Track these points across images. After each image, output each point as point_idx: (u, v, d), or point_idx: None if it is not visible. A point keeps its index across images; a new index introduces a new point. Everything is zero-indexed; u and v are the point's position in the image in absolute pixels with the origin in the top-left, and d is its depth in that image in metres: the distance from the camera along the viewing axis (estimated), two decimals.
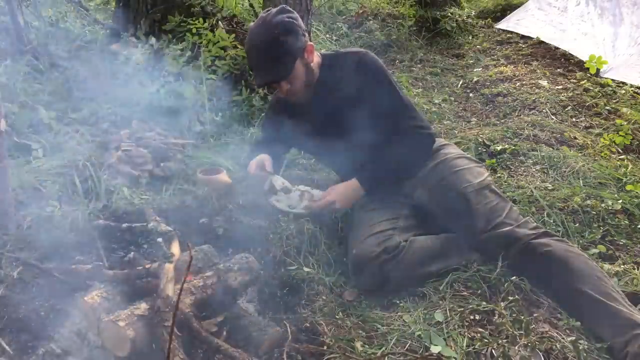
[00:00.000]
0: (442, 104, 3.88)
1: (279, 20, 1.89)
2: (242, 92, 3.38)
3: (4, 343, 1.52)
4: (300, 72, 1.97)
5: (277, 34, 1.87)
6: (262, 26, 1.90)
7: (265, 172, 2.11)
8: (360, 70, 2.01)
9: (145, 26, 3.80)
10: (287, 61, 1.91)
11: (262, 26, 1.90)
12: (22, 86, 3.14)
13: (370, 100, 2.01)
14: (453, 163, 2.04)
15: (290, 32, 1.90)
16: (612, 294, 1.60)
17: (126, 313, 1.44)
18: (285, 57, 1.90)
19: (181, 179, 2.57)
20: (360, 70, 2.01)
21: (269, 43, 1.88)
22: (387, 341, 1.56)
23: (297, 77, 1.96)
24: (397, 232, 1.91)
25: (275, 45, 1.88)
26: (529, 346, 1.45)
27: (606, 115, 3.44)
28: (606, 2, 4.63)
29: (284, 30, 1.88)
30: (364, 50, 2.10)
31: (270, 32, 1.87)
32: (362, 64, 2.02)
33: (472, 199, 1.89)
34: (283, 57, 1.90)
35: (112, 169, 2.53)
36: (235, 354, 1.40)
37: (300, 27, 1.94)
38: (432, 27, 5.52)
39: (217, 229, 2.09)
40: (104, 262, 1.86)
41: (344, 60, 2.05)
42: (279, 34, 1.87)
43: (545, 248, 1.72)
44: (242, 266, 1.75)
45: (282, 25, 1.88)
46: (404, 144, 2.02)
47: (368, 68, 2.02)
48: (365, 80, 2.01)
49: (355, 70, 2.01)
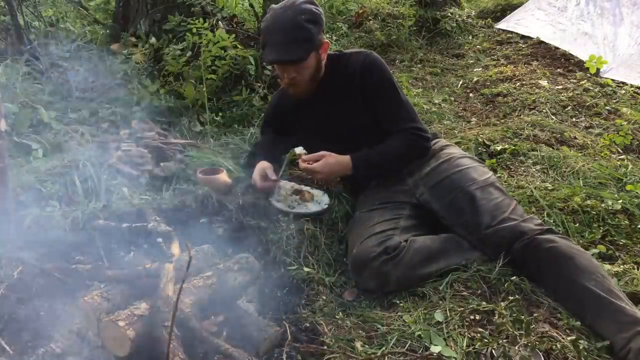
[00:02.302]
0: (442, 104, 3.88)
1: (307, 7, 1.92)
2: (242, 92, 3.38)
3: (4, 343, 1.52)
4: (312, 65, 1.98)
5: (303, 19, 1.89)
6: (289, 8, 1.92)
7: (271, 180, 2.11)
8: (365, 71, 2.02)
9: (145, 26, 3.80)
10: (305, 47, 1.92)
11: (289, 8, 1.92)
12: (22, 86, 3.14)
13: (373, 101, 2.02)
14: (457, 162, 2.05)
15: (315, 22, 1.93)
16: (615, 291, 1.60)
17: (126, 313, 1.44)
18: (305, 43, 1.92)
19: (181, 179, 2.56)
20: (365, 70, 2.02)
21: (294, 24, 1.89)
22: (387, 341, 1.56)
23: (308, 68, 1.97)
24: (397, 232, 1.91)
25: (299, 27, 1.89)
26: (529, 346, 1.44)
27: (606, 115, 3.44)
28: (606, 2, 4.63)
29: (311, 17, 1.91)
30: (368, 50, 2.11)
31: (297, 15, 1.89)
32: (366, 65, 2.03)
33: (477, 195, 1.89)
34: (303, 41, 1.91)
35: (112, 169, 2.53)
36: (235, 354, 1.40)
37: (323, 22, 1.98)
38: (432, 27, 5.52)
39: (217, 229, 2.09)
40: (104, 262, 1.86)
41: (348, 60, 2.06)
42: (305, 19, 1.90)
43: (550, 244, 1.72)
44: (242, 266, 1.75)
45: (310, 13, 1.91)
46: (402, 140, 2.04)
47: (373, 69, 2.03)
48: (369, 80, 2.01)
49: (359, 71, 2.02)
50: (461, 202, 1.91)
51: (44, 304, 1.73)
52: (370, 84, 2.02)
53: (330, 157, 2.02)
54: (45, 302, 1.73)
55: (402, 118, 2.05)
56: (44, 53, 3.59)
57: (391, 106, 2.03)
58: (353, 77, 2.03)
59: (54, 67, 3.55)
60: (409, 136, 2.04)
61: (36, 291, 1.77)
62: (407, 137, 2.04)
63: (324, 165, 2.00)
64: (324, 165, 2.00)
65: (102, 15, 4.56)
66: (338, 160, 2.03)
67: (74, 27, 4.43)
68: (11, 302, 1.72)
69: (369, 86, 2.02)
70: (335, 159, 2.03)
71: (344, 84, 2.04)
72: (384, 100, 2.03)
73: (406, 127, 2.03)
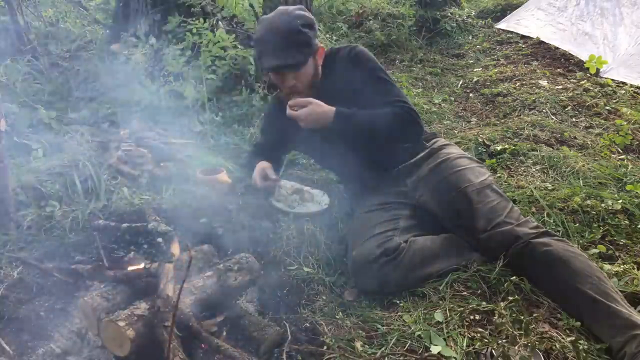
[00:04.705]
0: (442, 104, 3.88)
1: (301, 14, 1.92)
2: (242, 92, 3.39)
3: (4, 343, 1.52)
4: (309, 71, 1.97)
5: (299, 24, 1.88)
6: (283, 15, 1.91)
7: (271, 180, 2.10)
8: (353, 63, 2.01)
9: (145, 26, 3.81)
10: (303, 52, 1.91)
11: (283, 15, 1.91)
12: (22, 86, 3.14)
13: (365, 90, 2.00)
14: (455, 163, 2.04)
15: (311, 27, 1.92)
16: (612, 294, 1.60)
17: (126, 313, 1.44)
18: (303, 48, 1.91)
19: (181, 179, 2.57)
20: (353, 63, 2.01)
21: (291, 28, 1.88)
22: (387, 341, 1.56)
23: (306, 74, 1.96)
24: (397, 233, 1.90)
25: (297, 31, 1.88)
26: (529, 346, 1.44)
27: (606, 115, 3.44)
28: (606, 2, 4.63)
29: (306, 23, 1.91)
30: (352, 44, 2.11)
31: (292, 21, 1.89)
32: (352, 58, 2.02)
33: (474, 199, 1.88)
34: (301, 46, 1.90)
35: (112, 169, 2.54)
36: (235, 354, 1.40)
37: (317, 29, 1.97)
38: (432, 27, 5.52)
39: (217, 229, 2.09)
40: (104, 262, 1.86)
41: (336, 56, 2.05)
42: (301, 24, 1.89)
43: (545, 247, 1.72)
44: (242, 266, 1.75)
45: (304, 18, 1.91)
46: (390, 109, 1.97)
47: (359, 61, 2.02)
48: (358, 73, 2.00)
49: (348, 64, 2.01)
50: (458, 204, 1.91)
51: (44, 304, 1.73)
52: (359, 75, 2.00)
53: (317, 106, 1.95)
54: (45, 302, 1.74)
55: (392, 100, 2.01)
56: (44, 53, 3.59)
57: (380, 90, 2.01)
58: (342, 74, 2.02)
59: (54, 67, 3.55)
60: (397, 108, 1.98)
61: (36, 291, 1.78)
62: (395, 107, 1.98)
63: (309, 113, 1.94)
64: (309, 114, 1.94)
65: (102, 15, 4.56)
66: (324, 110, 1.96)
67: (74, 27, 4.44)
68: (11, 302, 1.72)
69: (358, 78, 2.00)
70: (322, 109, 1.96)
71: (334, 82, 2.03)
72: (374, 87, 2.00)
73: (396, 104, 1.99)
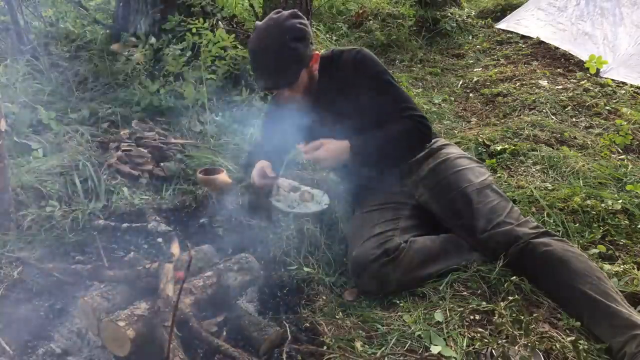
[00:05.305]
0: (442, 104, 3.88)
1: (290, 25, 1.82)
2: (242, 92, 3.39)
3: (4, 343, 1.52)
4: (304, 81, 1.93)
5: (287, 40, 1.80)
6: (272, 27, 1.83)
7: (269, 178, 2.10)
8: (358, 68, 2.00)
9: (145, 26, 3.81)
10: (294, 69, 1.86)
11: (272, 27, 1.83)
12: (22, 86, 3.14)
13: (371, 96, 2.00)
14: (455, 163, 2.04)
15: (301, 39, 1.84)
16: (612, 294, 1.60)
17: (126, 313, 1.44)
18: (292, 65, 1.85)
19: (181, 179, 2.57)
20: (358, 67, 2.00)
21: (279, 48, 1.81)
22: (387, 341, 1.56)
23: (300, 85, 1.93)
24: (397, 233, 1.90)
25: (284, 51, 1.81)
26: (529, 346, 1.44)
27: (606, 115, 3.44)
28: (606, 2, 4.63)
29: (296, 36, 1.82)
30: (358, 47, 2.08)
31: (281, 36, 1.80)
32: (358, 62, 2.00)
33: (474, 199, 1.88)
34: (290, 64, 1.84)
35: (112, 169, 2.54)
36: (235, 354, 1.40)
37: (310, 35, 1.90)
38: (432, 27, 5.52)
39: (217, 229, 2.09)
40: (104, 262, 1.87)
41: (340, 59, 2.04)
42: (290, 39, 1.80)
43: (545, 247, 1.72)
44: (242, 266, 1.75)
45: (293, 31, 1.82)
46: (402, 126, 1.98)
47: (366, 64, 2.00)
48: (363, 77, 1.99)
49: (353, 68, 2.00)
50: (458, 204, 1.90)
51: (44, 304, 1.73)
52: (364, 79, 1.99)
53: (329, 143, 1.96)
54: (45, 302, 1.74)
55: (401, 107, 2.01)
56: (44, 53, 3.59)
57: (388, 97, 2.00)
58: (346, 76, 2.01)
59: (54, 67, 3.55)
60: (408, 122, 1.99)
61: (36, 291, 1.78)
62: (407, 123, 1.99)
63: (327, 151, 1.95)
64: (326, 152, 1.95)
65: (102, 15, 4.55)
66: (338, 147, 1.96)
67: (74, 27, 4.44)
68: (11, 302, 1.72)
69: (363, 82, 1.99)
70: (334, 145, 1.96)
71: (338, 84, 2.02)
72: (380, 92, 2.00)
73: (405, 114, 1.99)
